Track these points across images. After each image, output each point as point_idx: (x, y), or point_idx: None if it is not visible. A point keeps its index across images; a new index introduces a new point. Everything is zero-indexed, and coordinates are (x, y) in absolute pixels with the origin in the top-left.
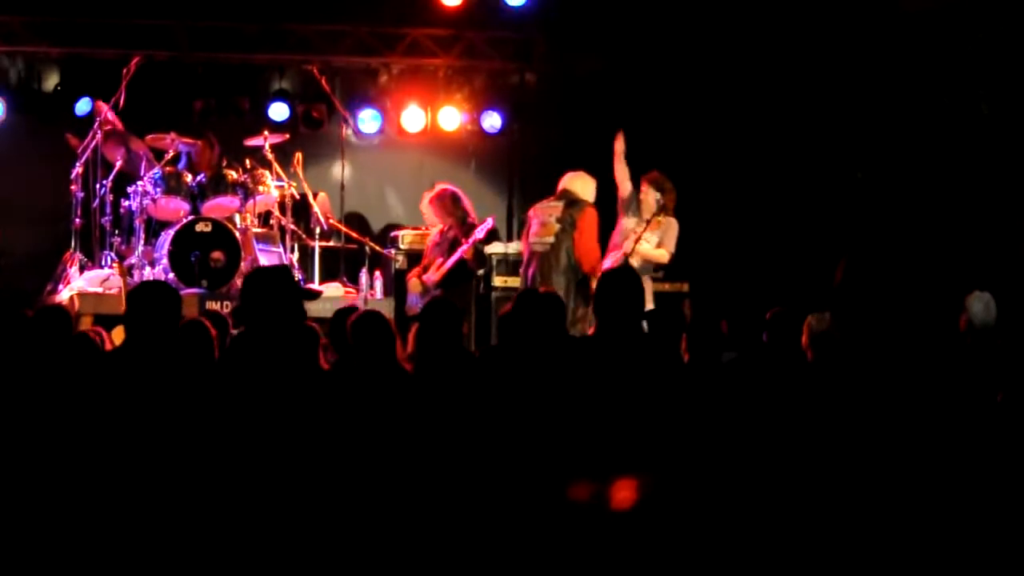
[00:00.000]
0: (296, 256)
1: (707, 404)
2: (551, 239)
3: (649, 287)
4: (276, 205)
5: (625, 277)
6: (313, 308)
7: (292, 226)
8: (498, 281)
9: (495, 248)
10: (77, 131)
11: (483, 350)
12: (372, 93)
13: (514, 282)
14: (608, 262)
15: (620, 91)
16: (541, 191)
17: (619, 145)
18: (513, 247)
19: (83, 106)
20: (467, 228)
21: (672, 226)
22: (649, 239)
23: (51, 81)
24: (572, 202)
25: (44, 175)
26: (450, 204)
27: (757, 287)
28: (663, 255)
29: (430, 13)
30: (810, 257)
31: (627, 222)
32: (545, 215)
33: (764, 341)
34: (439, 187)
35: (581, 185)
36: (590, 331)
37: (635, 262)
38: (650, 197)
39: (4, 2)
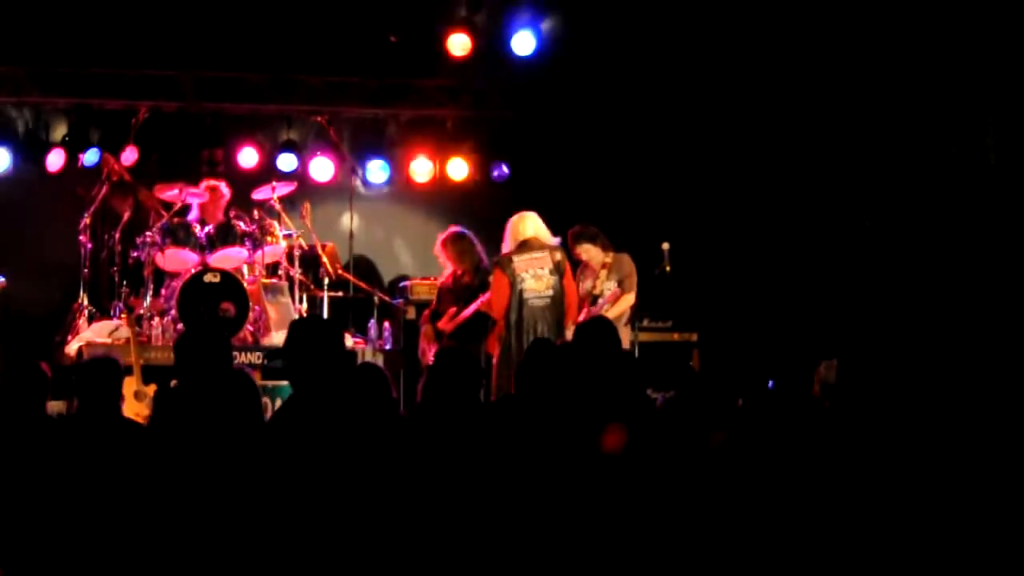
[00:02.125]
0: (304, 307)
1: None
2: (550, 292)
3: (626, 335)
4: (284, 256)
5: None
6: None
7: (300, 277)
8: None
9: None
10: (85, 182)
11: (500, 398)
12: (380, 143)
13: None
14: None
15: (628, 140)
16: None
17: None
18: None
19: (91, 157)
20: (482, 274)
21: (624, 260)
22: (608, 285)
23: (59, 131)
24: (552, 249)
25: (52, 226)
26: (462, 246)
27: (766, 336)
28: (629, 300)
29: (438, 64)
30: (819, 305)
31: (583, 285)
32: (535, 268)
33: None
34: (451, 229)
35: (543, 228)
36: None
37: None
38: (591, 251)
39: (12, 53)
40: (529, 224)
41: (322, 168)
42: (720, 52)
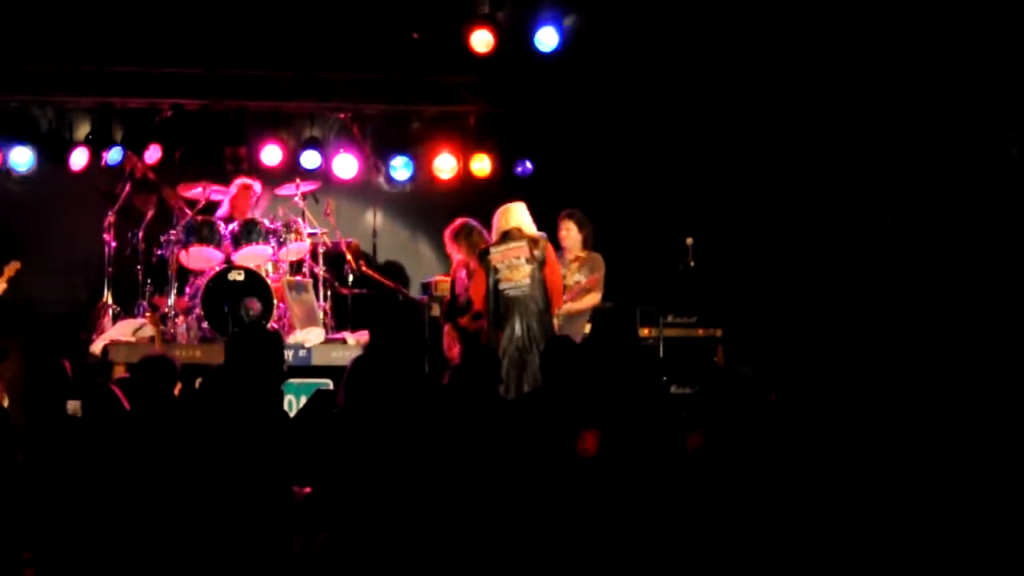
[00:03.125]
0: (329, 304)
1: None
2: (527, 281)
3: (582, 329)
4: (309, 253)
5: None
6: (337, 356)
7: (325, 274)
8: None
9: None
10: (108, 180)
11: (521, 396)
12: (404, 140)
13: None
14: None
15: (652, 136)
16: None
17: None
18: None
19: (114, 155)
20: None
21: (597, 260)
22: (576, 278)
23: (82, 130)
24: (532, 240)
25: (76, 224)
26: (472, 237)
27: (790, 332)
28: (595, 298)
29: (461, 60)
30: (843, 301)
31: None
32: (510, 258)
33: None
34: (458, 221)
35: (527, 219)
36: None
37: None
38: (573, 233)
39: (35, 52)
40: (512, 216)
41: (346, 165)
42: (744, 46)
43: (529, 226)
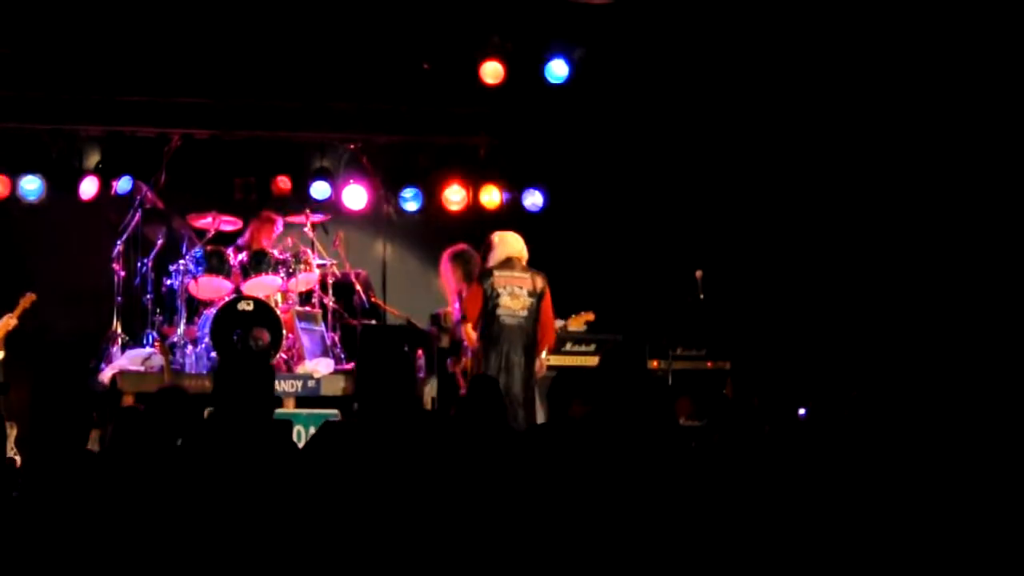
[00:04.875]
0: (338, 335)
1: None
2: (525, 313)
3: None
4: (318, 283)
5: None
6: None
7: (334, 304)
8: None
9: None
10: (118, 209)
11: (530, 428)
12: (413, 171)
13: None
14: None
15: (661, 168)
16: (582, 270)
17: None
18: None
19: (124, 184)
20: None
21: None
22: None
23: (92, 159)
24: (535, 273)
25: (85, 253)
26: (465, 262)
27: (799, 365)
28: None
29: (471, 91)
30: (851, 334)
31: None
32: (513, 286)
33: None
34: (455, 247)
35: (524, 249)
36: None
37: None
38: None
39: (45, 80)
40: (516, 244)
41: (355, 196)
42: (752, 80)
43: (526, 257)
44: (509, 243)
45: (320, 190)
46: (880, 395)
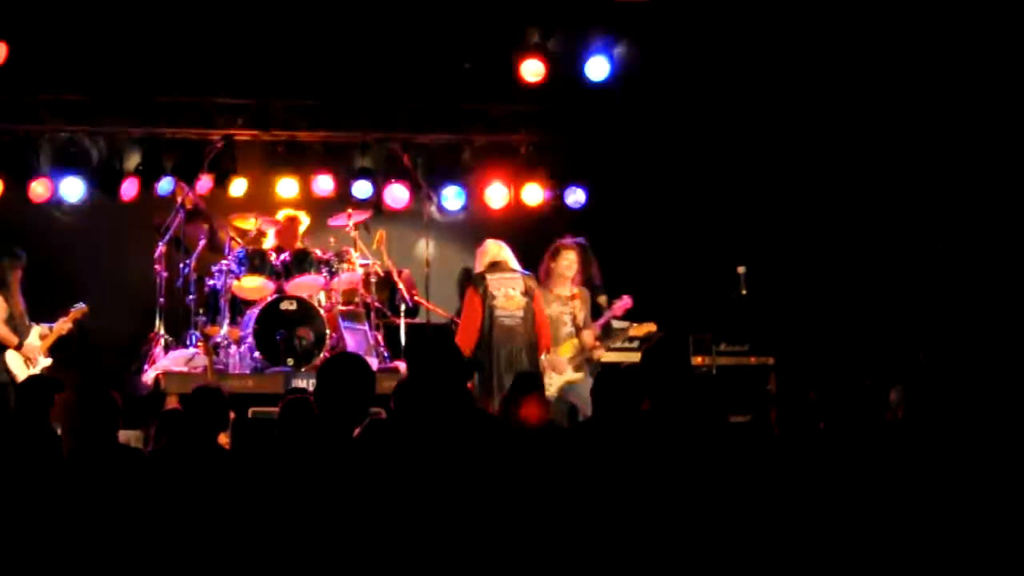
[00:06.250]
0: (381, 334)
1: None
2: (520, 313)
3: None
4: (361, 283)
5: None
6: (389, 386)
7: (377, 303)
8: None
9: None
10: (159, 211)
11: (573, 425)
12: (455, 170)
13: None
14: None
15: (703, 164)
16: (626, 266)
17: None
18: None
19: (165, 185)
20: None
21: (586, 295)
22: (578, 315)
23: (133, 161)
24: (524, 275)
25: (127, 255)
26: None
27: (842, 360)
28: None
29: (512, 89)
30: (894, 329)
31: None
32: (506, 287)
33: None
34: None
35: (513, 257)
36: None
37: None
38: (572, 269)
39: (86, 82)
40: (501, 249)
41: (397, 195)
42: (794, 76)
43: (515, 263)
44: (491, 250)
45: (362, 189)
46: (925, 389)
